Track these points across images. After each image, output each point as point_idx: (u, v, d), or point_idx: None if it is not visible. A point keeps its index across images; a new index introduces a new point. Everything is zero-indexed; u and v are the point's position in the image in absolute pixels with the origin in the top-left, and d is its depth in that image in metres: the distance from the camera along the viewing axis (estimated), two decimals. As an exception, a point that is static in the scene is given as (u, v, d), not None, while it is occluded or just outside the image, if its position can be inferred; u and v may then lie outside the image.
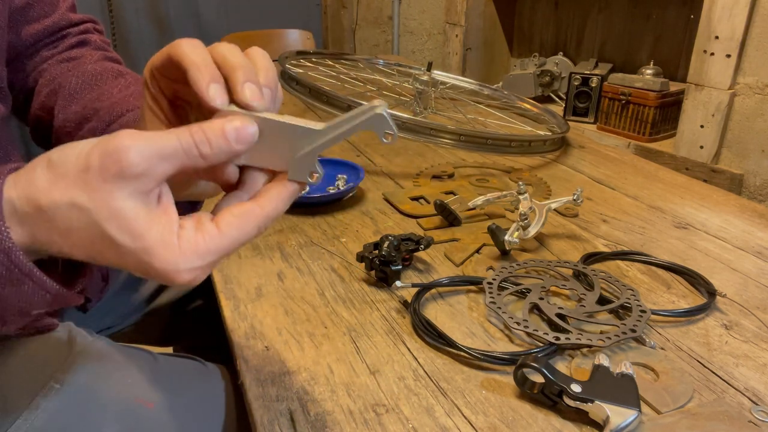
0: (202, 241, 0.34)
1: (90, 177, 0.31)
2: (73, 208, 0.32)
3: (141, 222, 0.32)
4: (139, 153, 0.31)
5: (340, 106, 0.98)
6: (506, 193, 0.81)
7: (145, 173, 0.32)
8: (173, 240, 0.33)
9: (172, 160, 0.33)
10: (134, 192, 0.32)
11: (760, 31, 1.30)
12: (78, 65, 0.63)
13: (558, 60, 1.98)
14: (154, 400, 0.58)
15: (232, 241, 0.34)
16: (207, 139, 0.33)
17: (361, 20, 2.85)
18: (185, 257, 0.33)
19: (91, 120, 0.56)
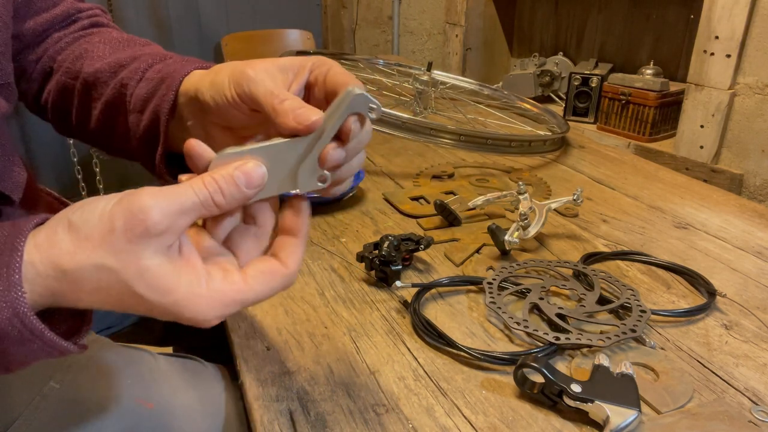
0: (230, 292, 0.35)
1: (115, 239, 0.32)
2: (101, 270, 0.33)
3: (169, 278, 0.33)
4: (161, 211, 0.32)
5: (340, 106, 0.98)
6: (506, 193, 0.81)
7: (167, 230, 0.33)
8: (202, 291, 0.34)
9: (190, 213, 0.34)
10: (158, 249, 0.33)
11: (760, 31, 1.30)
12: (102, 35, 0.61)
13: (558, 60, 1.98)
14: (153, 400, 0.58)
15: (257, 295, 0.36)
16: (220, 188, 0.35)
17: (361, 20, 2.85)
18: (214, 307, 0.35)
19: (129, 65, 0.53)
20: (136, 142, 0.52)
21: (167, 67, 0.51)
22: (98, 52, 0.57)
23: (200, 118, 0.47)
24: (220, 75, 0.43)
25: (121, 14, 2.43)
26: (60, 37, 0.61)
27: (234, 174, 0.35)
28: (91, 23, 0.64)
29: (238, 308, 0.36)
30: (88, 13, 0.64)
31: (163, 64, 0.52)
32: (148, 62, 0.53)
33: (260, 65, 0.42)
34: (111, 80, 0.54)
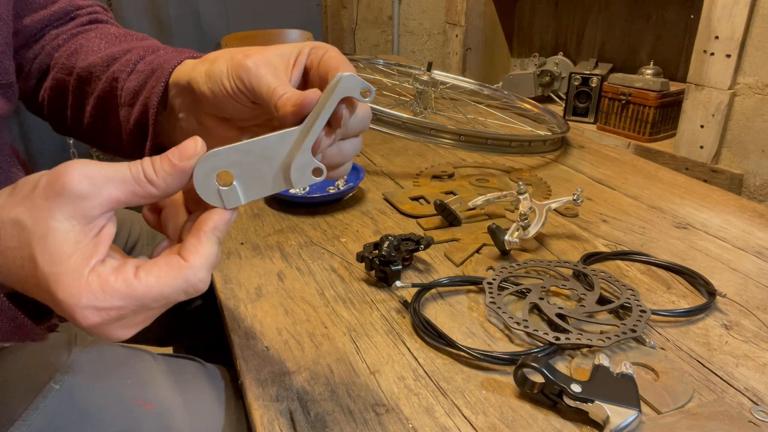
0: (113, 281, 0.31)
1: (35, 194, 0.31)
2: (15, 226, 0.31)
3: (65, 247, 0.31)
4: (83, 173, 0.31)
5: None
6: (506, 193, 0.81)
7: (87, 195, 0.31)
8: (84, 271, 0.31)
9: (119, 185, 0.32)
10: (74, 214, 0.31)
11: (760, 31, 1.30)
12: (99, 30, 0.60)
13: (558, 60, 1.98)
14: (153, 401, 0.58)
15: (147, 289, 0.32)
16: (152, 162, 0.33)
17: (361, 20, 2.84)
18: (89, 293, 0.31)
19: (123, 57, 0.52)
20: (126, 136, 0.51)
21: (158, 58, 0.50)
22: (93, 47, 0.56)
23: (193, 109, 0.46)
24: (217, 65, 0.42)
25: (121, 14, 2.43)
26: (57, 34, 0.60)
27: (169, 151, 0.34)
28: (90, 20, 0.62)
29: (125, 304, 0.31)
30: (88, 10, 0.63)
31: (155, 56, 0.50)
32: (139, 54, 0.51)
33: (259, 56, 0.41)
34: (103, 74, 0.53)
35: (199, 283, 0.33)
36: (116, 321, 0.32)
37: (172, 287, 0.32)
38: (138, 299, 0.32)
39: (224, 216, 0.35)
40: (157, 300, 0.32)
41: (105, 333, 0.32)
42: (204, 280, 0.33)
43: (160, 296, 0.32)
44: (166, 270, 0.32)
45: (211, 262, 0.34)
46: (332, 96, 0.36)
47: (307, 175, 0.36)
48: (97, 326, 0.31)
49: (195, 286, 0.33)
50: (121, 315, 0.32)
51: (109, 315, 0.31)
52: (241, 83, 0.40)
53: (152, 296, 0.32)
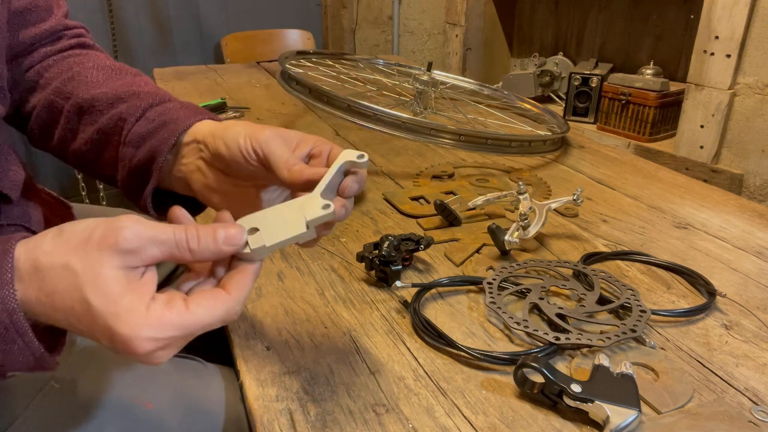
0: (168, 314, 0.36)
1: (88, 245, 0.35)
2: (65, 270, 0.35)
3: (117, 288, 0.35)
4: (134, 232, 0.36)
5: (340, 106, 0.98)
6: (506, 193, 0.81)
7: (135, 251, 0.36)
8: (141, 308, 0.35)
9: (162, 247, 0.37)
10: (121, 264, 0.35)
11: (760, 31, 1.30)
12: (91, 58, 0.64)
13: (558, 60, 1.98)
14: (153, 401, 0.58)
15: (197, 319, 0.37)
16: (197, 236, 0.38)
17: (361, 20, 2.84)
18: (148, 325, 0.35)
19: (128, 100, 0.57)
20: (124, 173, 0.56)
21: (169, 112, 0.55)
22: (92, 78, 0.60)
23: (203, 163, 0.52)
24: (236, 129, 0.49)
25: (121, 14, 2.43)
26: (47, 53, 0.63)
27: (216, 230, 0.39)
28: (78, 43, 0.66)
29: (176, 334, 0.36)
30: (74, 32, 0.67)
31: (163, 107, 0.56)
32: (148, 101, 0.56)
33: (270, 131, 0.48)
34: (108, 110, 0.57)
35: (235, 315, 0.39)
36: (163, 349, 0.36)
37: (214, 317, 0.37)
38: (188, 328, 0.37)
39: (258, 265, 0.41)
40: (203, 328, 0.37)
41: (152, 359, 0.36)
42: (239, 312, 0.39)
43: (206, 325, 0.37)
44: (213, 302, 0.38)
45: (246, 298, 0.40)
46: (336, 162, 0.45)
47: (313, 212, 0.42)
48: (148, 354, 0.36)
49: (232, 317, 0.39)
50: (170, 344, 0.36)
51: (162, 344, 0.36)
52: (257, 146, 0.47)
53: (200, 325, 0.37)
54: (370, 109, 0.95)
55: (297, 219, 0.42)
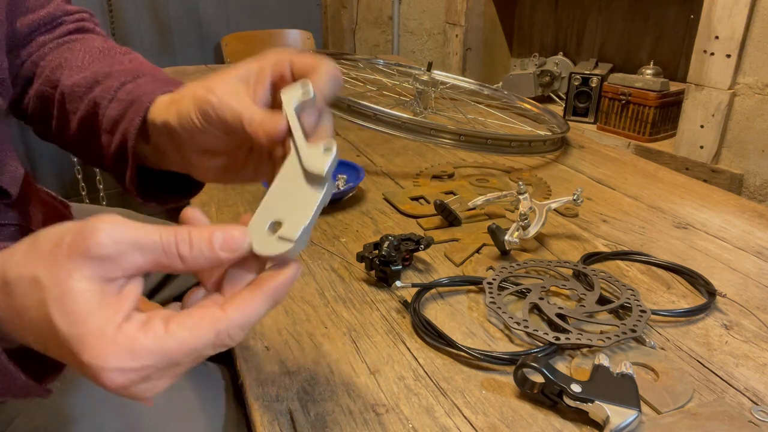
0: (143, 338, 0.29)
1: (57, 253, 0.29)
2: (32, 284, 0.29)
3: (86, 307, 0.29)
4: (110, 236, 0.29)
5: (340, 106, 0.98)
6: (506, 193, 0.81)
7: (111, 258, 0.29)
8: (109, 331, 0.29)
9: (146, 252, 0.30)
10: (93, 275, 0.29)
11: (760, 31, 1.30)
12: (84, 43, 0.60)
13: (558, 60, 1.98)
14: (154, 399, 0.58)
15: (178, 344, 0.30)
16: (189, 239, 0.31)
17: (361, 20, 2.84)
18: (117, 354, 0.29)
19: (103, 82, 0.52)
20: (108, 160, 0.52)
21: (138, 88, 0.49)
22: (77, 62, 0.55)
23: (174, 146, 0.46)
24: (184, 105, 0.42)
25: (121, 14, 2.43)
26: (44, 42, 0.60)
27: (213, 232, 0.32)
28: (77, 28, 0.62)
29: (155, 363, 0.29)
30: (75, 17, 0.63)
31: (134, 84, 0.50)
32: (120, 80, 0.51)
33: (219, 85, 0.41)
34: (86, 96, 0.52)
35: (230, 339, 0.31)
36: (144, 381, 0.30)
37: (201, 340, 0.30)
38: (167, 355, 0.30)
39: (289, 274, 0.33)
40: (188, 355, 0.30)
41: (131, 394, 0.30)
42: (234, 338, 0.31)
43: (192, 351, 0.30)
44: (199, 323, 0.30)
45: (251, 322, 0.32)
46: (286, 106, 0.38)
47: (321, 160, 0.36)
48: (124, 388, 0.30)
49: (225, 341, 0.31)
50: (149, 375, 0.30)
51: (137, 375, 0.29)
52: (208, 118, 0.41)
53: (184, 351, 0.30)
54: (370, 109, 0.95)
55: (306, 182, 0.36)
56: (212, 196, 0.90)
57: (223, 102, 0.40)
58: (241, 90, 0.41)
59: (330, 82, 0.39)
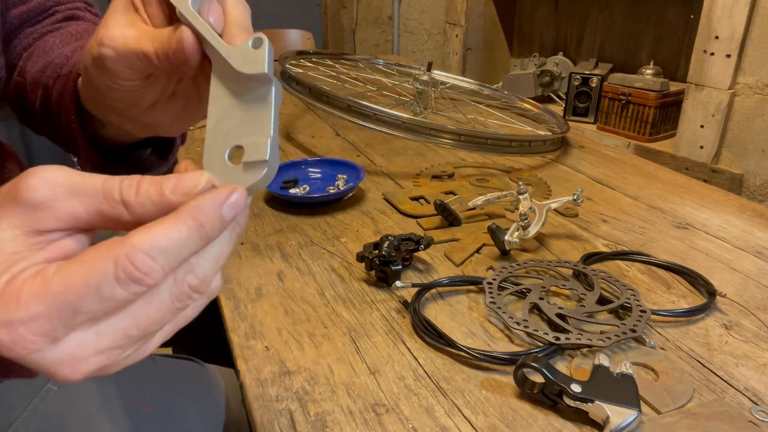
0: (30, 283, 0.24)
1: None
2: None
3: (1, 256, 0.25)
4: (44, 178, 0.25)
5: (340, 106, 0.98)
6: (506, 193, 0.81)
7: (43, 204, 0.25)
8: (1, 282, 0.25)
9: (84, 199, 0.26)
10: (21, 224, 0.25)
11: (760, 31, 1.30)
12: (63, 29, 0.57)
13: (558, 60, 1.98)
14: (151, 403, 0.58)
15: (69, 279, 0.24)
16: (137, 184, 0.26)
17: (361, 20, 2.84)
18: (1, 303, 0.24)
19: (55, 61, 0.48)
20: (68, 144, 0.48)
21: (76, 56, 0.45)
22: (45, 48, 0.52)
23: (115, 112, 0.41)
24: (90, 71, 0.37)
25: (121, 14, 2.43)
26: (31, 33, 0.57)
27: (168, 178, 0.27)
28: (65, 17, 0.59)
29: (42, 309, 0.24)
30: (67, 6, 0.60)
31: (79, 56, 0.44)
32: (67, 56, 0.47)
33: (109, 29, 0.35)
34: (41, 80, 0.49)
35: (133, 269, 0.24)
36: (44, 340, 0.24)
37: (97, 271, 0.24)
38: (58, 295, 0.24)
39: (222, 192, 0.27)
40: (82, 291, 0.24)
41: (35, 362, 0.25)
42: (143, 266, 0.24)
43: (86, 285, 0.24)
44: (93, 253, 0.25)
45: (161, 245, 0.25)
46: (185, 13, 0.32)
47: (255, 57, 0.30)
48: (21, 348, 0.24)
49: (130, 273, 0.24)
50: (45, 330, 0.24)
51: (29, 330, 0.24)
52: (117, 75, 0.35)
53: (77, 287, 0.24)
54: (370, 109, 0.95)
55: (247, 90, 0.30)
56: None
57: (119, 49, 0.34)
58: (133, 21, 0.35)
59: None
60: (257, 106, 0.30)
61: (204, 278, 0.27)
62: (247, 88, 0.30)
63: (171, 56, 0.32)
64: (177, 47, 0.32)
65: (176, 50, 0.32)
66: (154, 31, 0.34)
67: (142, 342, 0.27)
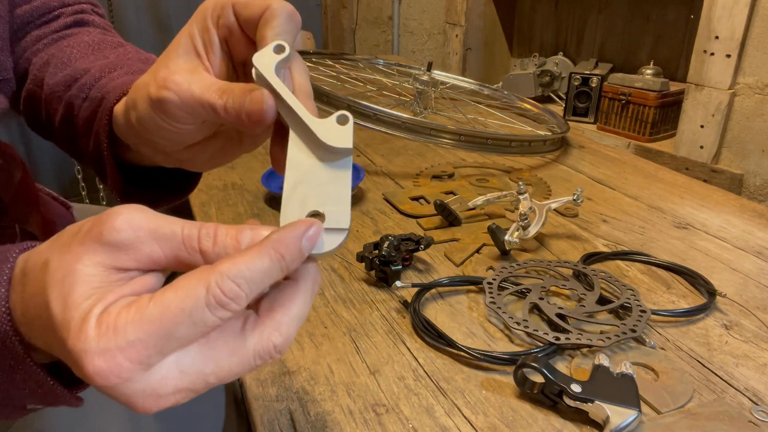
0: (126, 313, 0.25)
1: (74, 240, 0.27)
2: (42, 268, 0.27)
3: (83, 290, 0.25)
4: (127, 221, 0.26)
5: (340, 106, 0.98)
6: (506, 193, 0.81)
7: (125, 245, 0.26)
8: (96, 312, 0.25)
9: (164, 243, 0.27)
10: (104, 263, 0.26)
11: (760, 31, 1.30)
12: (76, 38, 0.55)
13: (558, 60, 1.98)
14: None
15: (164, 306, 0.25)
16: (214, 234, 0.27)
17: (361, 20, 2.84)
18: (98, 332, 0.24)
19: (81, 79, 0.47)
20: (89, 162, 0.47)
21: (109, 83, 0.44)
22: (62, 59, 0.51)
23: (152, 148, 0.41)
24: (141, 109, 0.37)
25: (121, 14, 2.43)
26: (39, 37, 0.55)
27: (242, 230, 0.28)
28: (74, 21, 0.57)
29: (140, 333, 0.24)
30: (74, 8, 0.58)
31: (108, 79, 0.45)
32: (95, 76, 0.46)
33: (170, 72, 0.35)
34: (63, 96, 0.48)
35: (222, 295, 0.25)
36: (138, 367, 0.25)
37: (191, 297, 0.25)
38: (154, 323, 0.25)
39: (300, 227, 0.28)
40: (178, 318, 0.25)
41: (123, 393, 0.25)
42: (230, 292, 0.25)
43: (181, 312, 0.25)
44: (185, 281, 0.26)
45: (247, 275, 0.26)
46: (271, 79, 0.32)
47: (341, 133, 0.32)
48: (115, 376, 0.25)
49: (220, 299, 0.25)
50: (141, 357, 0.25)
51: (124, 357, 0.24)
52: (174, 118, 0.35)
53: (173, 313, 0.25)
54: (370, 109, 0.95)
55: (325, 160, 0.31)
56: (212, 196, 0.90)
57: (183, 95, 0.34)
58: (195, 67, 0.35)
59: (290, 23, 0.34)
60: (336, 176, 0.32)
61: (287, 338, 0.28)
62: (326, 157, 0.32)
63: (244, 115, 0.33)
64: (255, 108, 0.32)
65: (252, 111, 0.32)
66: (222, 84, 0.34)
67: (211, 388, 0.28)
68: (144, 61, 0.49)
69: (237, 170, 0.99)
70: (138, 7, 2.47)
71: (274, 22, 0.33)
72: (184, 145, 0.39)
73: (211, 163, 0.42)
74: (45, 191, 0.67)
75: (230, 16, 0.35)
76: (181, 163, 0.43)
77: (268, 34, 0.33)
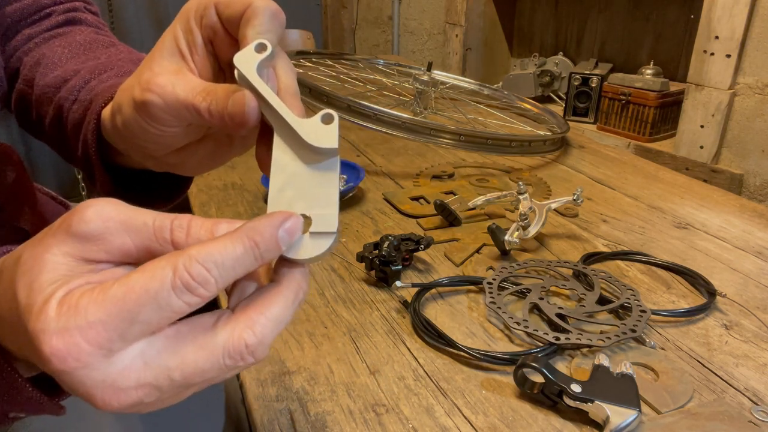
0: (89, 293, 0.24)
1: (46, 233, 0.26)
2: (14, 263, 0.26)
3: (49, 276, 0.25)
4: (97, 212, 0.25)
5: (340, 106, 0.98)
6: (506, 193, 0.81)
7: (95, 236, 0.25)
8: (58, 295, 0.24)
9: (134, 235, 0.26)
10: (72, 252, 0.25)
11: (760, 31, 1.30)
12: (67, 37, 0.54)
13: (558, 60, 1.98)
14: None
15: (128, 287, 0.24)
16: (187, 225, 0.26)
17: (361, 20, 2.84)
18: (58, 312, 0.23)
19: (71, 80, 0.47)
20: (79, 164, 0.47)
21: (99, 85, 0.44)
22: (53, 59, 0.50)
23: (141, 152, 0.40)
24: (126, 114, 0.36)
25: (121, 14, 2.43)
26: (30, 35, 0.54)
27: (219, 223, 0.27)
28: (66, 20, 0.56)
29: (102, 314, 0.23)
30: (66, 6, 0.58)
31: (97, 81, 0.44)
32: (84, 78, 0.45)
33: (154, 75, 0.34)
34: (54, 97, 0.47)
35: (189, 279, 0.24)
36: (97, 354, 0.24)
37: (157, 278, 0.24)
38: (117, 304, 0.24)
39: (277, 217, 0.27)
40: (142, 299, 0.24)
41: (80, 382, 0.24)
42: (198, 276, 0.24)
43: (145, 293, 0.24)
44: (153, 263, 0.25)
45: (217, 260, 0.25)
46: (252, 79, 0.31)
47: (326, 132, 0.30)
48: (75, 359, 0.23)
49: (187, 282, 0.24)
50: (103, 339, 0.23)
51: (85, 338, 0.23)
52: (159, 121, 0.35)
53: (137, 294, 0.24)
54: (370, 109, 0.95)
55: (310, 162, 0.31)
56: (212, 196, 0.90)
57: (167, 98, 0.34)
58: (180, 68, 0.35)
59: (273, 21, 0.33)
60: (322, 178, 0.31)
61: (262, 339, 0.26)
62: (312, 158, 0.31)
63: (227, 117, 0.32)
64: (237, 110, 0.31)
65: (234, 113, 0.32)
66: (206, 86, 0.33)
67: (179, 390, 0.26)
68: (135, 62, 0.48)
69: (237, 170, 0.99)
70: (138, 7, 2.47)
71: (255, 21, 0.33)
72: (171, 149, 0.39)
73: (201, 167, 0.41)
74: (44, 191, 0.67)
75: (213, 15, 0.35)
76: (171, 168, 0.42)
77: (250, 33, 0.32)
